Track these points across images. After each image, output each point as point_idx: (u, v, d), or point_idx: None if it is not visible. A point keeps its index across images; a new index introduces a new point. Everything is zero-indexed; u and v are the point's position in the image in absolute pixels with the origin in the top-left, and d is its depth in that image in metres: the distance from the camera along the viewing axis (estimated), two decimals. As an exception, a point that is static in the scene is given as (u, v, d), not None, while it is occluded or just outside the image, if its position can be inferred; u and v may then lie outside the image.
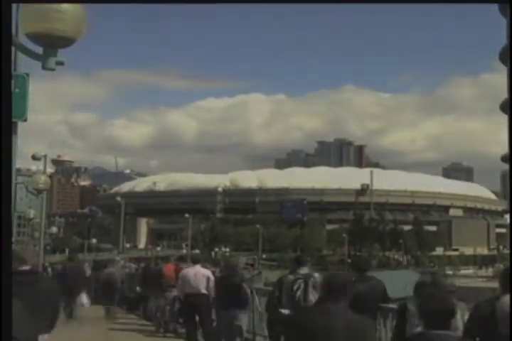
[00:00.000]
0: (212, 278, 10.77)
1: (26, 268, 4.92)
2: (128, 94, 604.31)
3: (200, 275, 10.78)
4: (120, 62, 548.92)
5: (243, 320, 9.71)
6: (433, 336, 3.47)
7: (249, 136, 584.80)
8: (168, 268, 13.63)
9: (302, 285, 7.55)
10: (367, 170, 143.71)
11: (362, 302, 5.58)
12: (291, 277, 8.08)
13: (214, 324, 10.90)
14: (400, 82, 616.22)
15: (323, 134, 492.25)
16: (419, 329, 3.98)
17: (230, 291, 9.53)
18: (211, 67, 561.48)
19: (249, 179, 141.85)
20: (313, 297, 7.20)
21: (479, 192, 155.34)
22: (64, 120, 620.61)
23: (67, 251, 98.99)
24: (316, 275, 7.36)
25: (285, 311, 7.51)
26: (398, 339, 6.04)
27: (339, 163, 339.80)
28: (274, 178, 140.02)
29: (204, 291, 10.64)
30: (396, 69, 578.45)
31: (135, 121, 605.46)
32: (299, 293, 7.44)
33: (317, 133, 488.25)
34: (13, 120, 4.63)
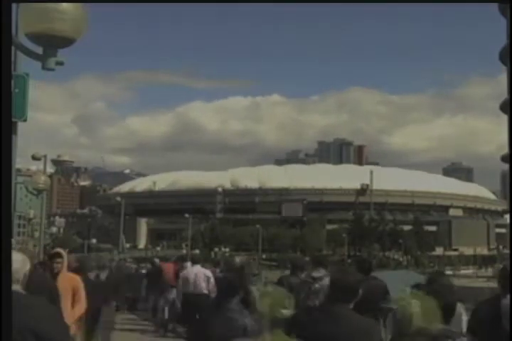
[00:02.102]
0: (212, 278, 10.77)
1: None
2: (144, 94, 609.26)
3: (201, 275, 10.77)
4: (134, 63, 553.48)
5: (247, 319, 9.62)
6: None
7: (251, 137, 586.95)
8: (168, 268, 13.58)
9: (309, 289, 7.51)
10: (367, 168, 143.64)
11: (363, 302, 5.58)
12: (293, 279, 8.01)
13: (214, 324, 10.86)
14: (405, 83, 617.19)
15: (324, 134, 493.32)
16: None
17: (235, 292, 9.41)
18: (218, 67, 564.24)
19: (248, 177, 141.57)
20: (316, 302, 7.19)
21: (479, 192, 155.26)
22: (76, 119, 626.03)
23: (67, 251, 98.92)
24: (328, 279, 7.28)
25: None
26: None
27: (339, 163, 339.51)
28: (273, 175, 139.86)
29: (205, 291, 10.62)
30: (402, 71, 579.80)
31: (143, 121, 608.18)
32: (303, 296, 7.42)
33: (318, 133, 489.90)
34: (13, 120, 4.63)
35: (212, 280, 10.68)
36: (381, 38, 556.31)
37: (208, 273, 10.95)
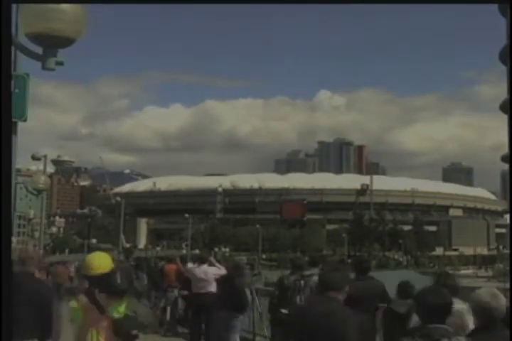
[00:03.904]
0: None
1: None
2: (157, 93, 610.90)
3: (210, 275, 10.74)
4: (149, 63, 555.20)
5: (240, 319, 9.64)
6: (430, 330, 3.50)
7: (255, 137, 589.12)
8: (170, 268, 13.55)
9: (301, 286, 7.55)
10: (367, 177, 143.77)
11: (361, 303, 5.59)
12: (292, 278, 8.08)
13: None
14: (409, 84, 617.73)
15: (325, 134, 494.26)
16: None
17: (232, 293, 9.39)
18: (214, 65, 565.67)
19: (248, 181, 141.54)
20: (302, 298, 7.22)
21: (479, 192, 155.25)
22: (90, 118, 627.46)
23: (67, 251, 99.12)
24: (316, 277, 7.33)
25: (286, 311, 7.52)
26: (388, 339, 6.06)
27: (339, 163, 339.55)
28: (274, 182, 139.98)
29: (213, 290, 10.55)
30: (405, 71, 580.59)
31: (148, 122, 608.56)
32: (296, 293, 7.44)
33: (322, 133, 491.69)
34: (13, 120, 4.64)
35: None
36: (387, 37, 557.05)
37: (216, 271, 10.90)
